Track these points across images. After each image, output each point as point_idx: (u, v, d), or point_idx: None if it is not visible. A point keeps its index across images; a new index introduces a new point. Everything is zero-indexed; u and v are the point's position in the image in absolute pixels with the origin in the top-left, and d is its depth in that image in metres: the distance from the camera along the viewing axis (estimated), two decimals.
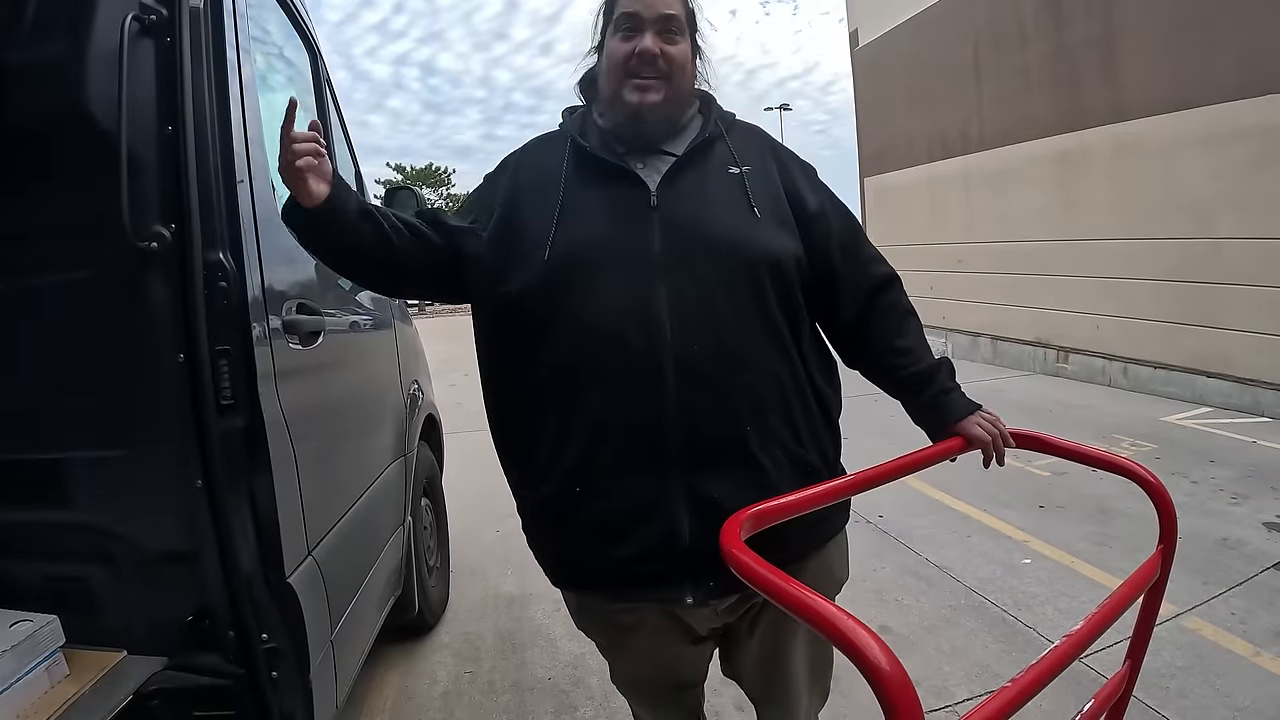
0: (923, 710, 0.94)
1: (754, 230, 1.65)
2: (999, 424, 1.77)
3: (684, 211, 1.63)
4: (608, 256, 1.58)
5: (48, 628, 1.67)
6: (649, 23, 1.63)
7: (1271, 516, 4.83)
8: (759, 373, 1.62)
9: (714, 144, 1.74)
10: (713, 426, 1.57)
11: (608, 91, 1.69)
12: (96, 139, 1.67)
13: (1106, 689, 1.73)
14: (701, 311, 1.57)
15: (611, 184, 1.65)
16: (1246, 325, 7.67)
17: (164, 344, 1.69)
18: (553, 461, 1.61)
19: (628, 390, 1.55)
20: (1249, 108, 7.38)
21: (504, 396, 1.75)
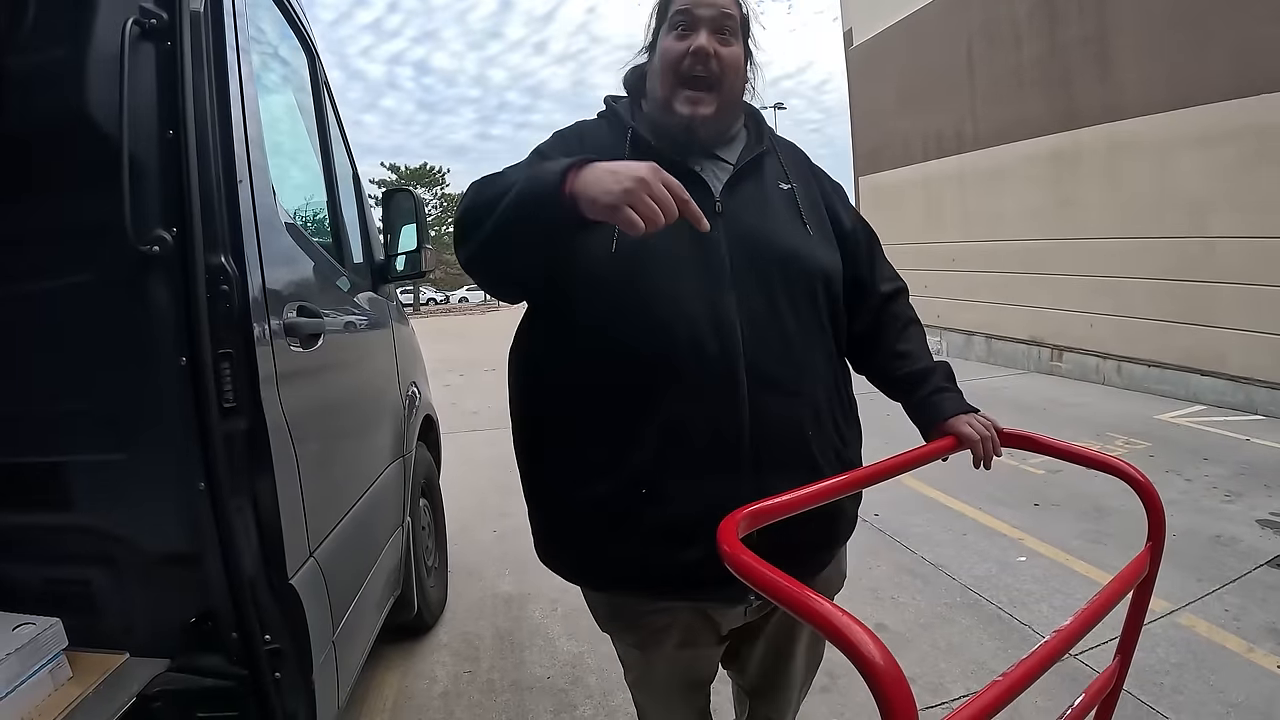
0: (917, 706, 0.95)
1: (809, 245, 1.71)
2: (991, 427, 1.80)
3: (748, 221, 1.64)
4: (678, 257, 1.56)
5: (51, 630, 1.66)
6: (705, 21, 1.62)
7: (1265, 514, 4.87)
8: (816, 380, 1.68)
9: (765, 158, 1.77)
10: (780, 431, 1.59)
11: (660, 95, 1.68)
12: (98, 143, 1.67)
13: (1097, 684, 1.74)
14: (769, 319, 1.60)
15: None
16: (1240, 323, 7.71)
17: (166, 347, 1.69)
18: (615, 461, 1.58)
19: (706, 393, 1.55)
20: (1242, 107, 7.42)
21: (550, 391, 1.68)
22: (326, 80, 2.97)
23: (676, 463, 1.54)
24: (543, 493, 1.75)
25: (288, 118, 2.65)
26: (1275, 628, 3.45)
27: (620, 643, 1.93)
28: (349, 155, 3.22)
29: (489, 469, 6.82)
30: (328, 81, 2.98)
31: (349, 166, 3.19)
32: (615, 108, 1.78)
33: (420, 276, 3.47)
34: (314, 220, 2.77)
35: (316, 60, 2.86)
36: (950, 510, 5.15)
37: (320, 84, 2.89)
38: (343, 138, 3.14)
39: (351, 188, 3.16)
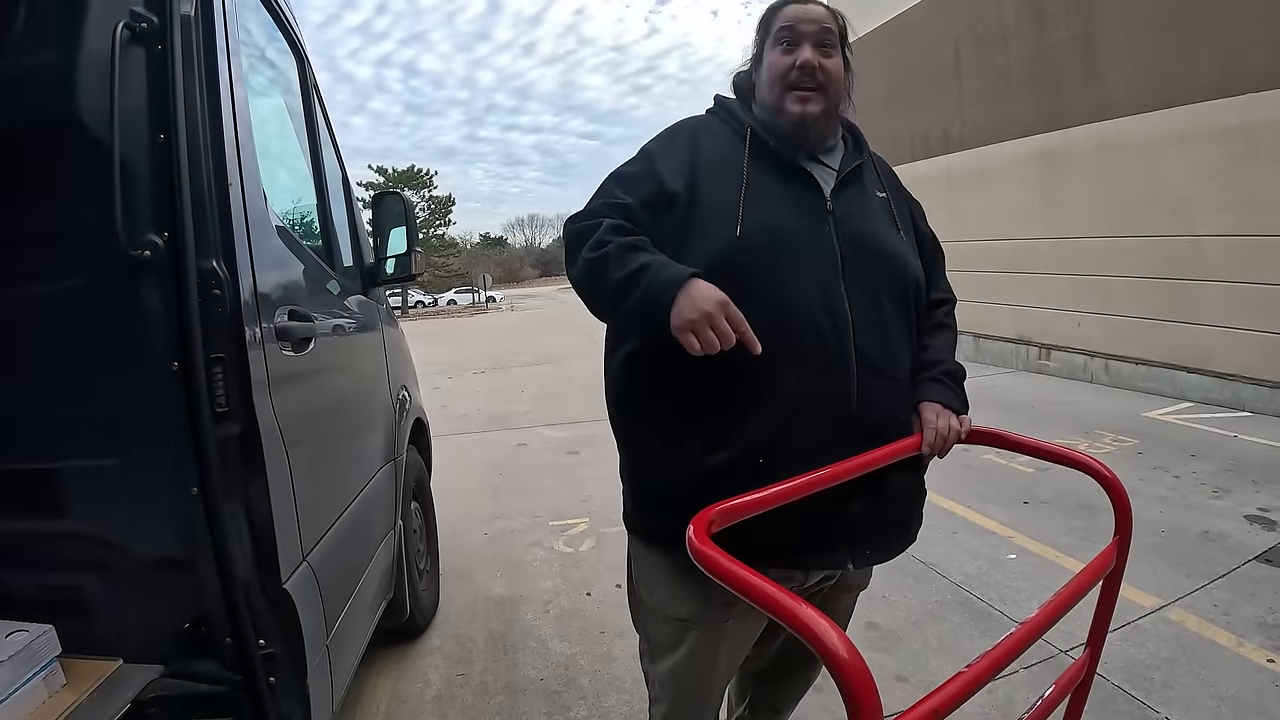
0: (879, 696, 0.97)
1: (905, 249, 1.87)
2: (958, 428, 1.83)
3: (856, 222, 1.77)
4: (797, 246, 1.68)
5: (44, 637, 1.66)
6: (807, 35, 1.75)
7: (1253, 509, 4.90)
8: (906, 368, 1.82)
9: (864, 168, 1.90)
10: (883, 412, 1.73)
11: (770, 101, 1.80)
12: (89, 147, 1.67)
13: (1067, 675, 1.77)
14: (873, 311, 1.73)
15: (789, 182, 1.76)
16: (1226, 321, 7.75)
17: (158, 352, 1.68)
18: (733, 431, 1.65)
19: (825, 372, 1.66)
20: (1228, 106, 7.47)
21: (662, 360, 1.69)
22: (315, 83, 2.96)
23: (792, 437, 1.64)
24: (651, 451, 1.80)
25: (277, 121, 2.65)
26: (1264, 621, 3.47)
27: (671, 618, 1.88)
28: (338, 158, 3.22)
29: (479, 472, 6.84)
30: (317, 84, 2.98)
31: (338, 169, 3.19)
32: (729, 106, 1.90)
33: (410, 280, 3.47)
34: (304, 223, 2.76)
35: (306, 63, 2.86)
36: (940, 509, 5.16)
37: (309, 87, 2.88)
38: (332, 140, 3.14)
39: (341, 190, 3.16)
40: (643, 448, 1.83)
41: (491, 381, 13.31)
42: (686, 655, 1.88)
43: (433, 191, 61.04)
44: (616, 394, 1.86)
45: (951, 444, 1.83)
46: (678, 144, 1.82)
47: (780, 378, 1.63)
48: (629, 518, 1.91)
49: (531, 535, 5.16)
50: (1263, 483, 5.43)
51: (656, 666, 1.97)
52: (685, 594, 1.81)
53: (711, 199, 1.70)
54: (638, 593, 1.97)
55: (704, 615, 1.81)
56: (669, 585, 1.84)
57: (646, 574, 1.91)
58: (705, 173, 1.73)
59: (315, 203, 2.83)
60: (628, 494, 1.90)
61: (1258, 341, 7.48)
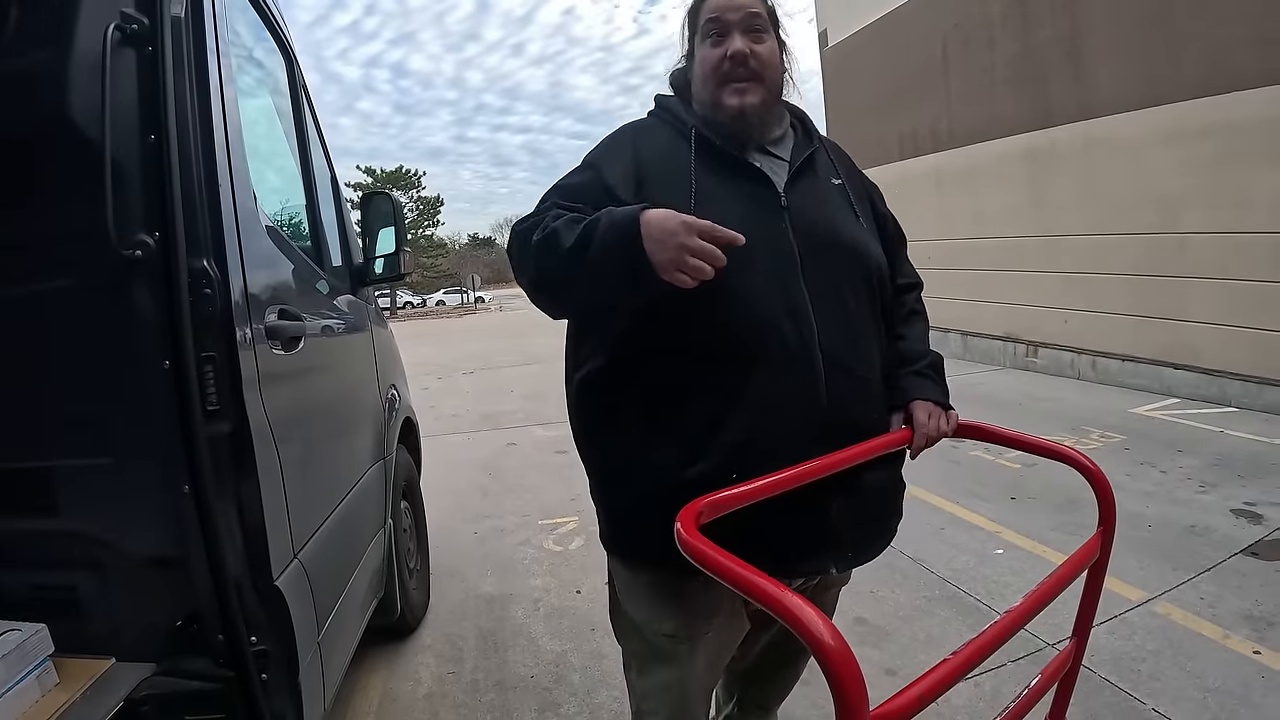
0: (864, 682, 0.99)
1: (865, 237, 1.83)
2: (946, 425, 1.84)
3: (811, 215, 1.74)
4: (754, 247, 1.57)
5: (37, 636, 1.67)
6: (735, 24, 1.71)
7: (1239, 503, 4.93)
8: (875, 365, 1.79)
9: (817, 155, 1.86)
10: (853, 412, 1.70)
11: (707, 98, 1.76)
12: (80, 148, 1.68)
13: (1052, 665, 1.79)
14: (836, 306, 1.69)
15: (739, 180, 1.72)
16: (1213, 318, 7.79)
17: (149, 351, 1.69)
18: (703, 444, 1.62)
19: (788, 375, 1.62)
20: (1214, 105, 7.50)
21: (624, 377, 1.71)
22: (304, 83, 2.97)
23: (763, 442, 1.60)
24: (620, 472, 1.77)
25: (267, 121, 2.66)
26: (1250, 614, 3.50)
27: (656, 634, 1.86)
28: (327, 158, 3.22)
29: (469, 471, 6.85)
30: (305, 84, 2.98)
31: (327, 169, 3.19)
32: (670, 107, 1.86)
33: (399, 279, 3.47)
34: (293, 223, 2.77)
35: (294, 63, 2.87)
36: (928, 504, 5.19)
37: (298, 87, 2.89)
38: (321, 141, 3.14)
39: (330, 191, 3.17)
40: (612, 467, 1.80)
41: (480, 381, 13.30)
42: (673, 669, 1.87)
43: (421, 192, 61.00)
44: (581, 415, 1.83)
45: (938, 439, 1.84)
46: (621, 151, 1.78)
47: (746, 384, 1.61)
48: (606, 539, 1.89)
49: (521, 534, 5.17)
50: (1249, 477, 5.46)
51: (643, 680, 1.96)
52: (668, 611, 1.82)
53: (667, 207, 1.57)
54: (621, 610, 1.96)
55: (687, 629, 1.81)
56: (651, 603, 1.85)
57: (629, 592, 1.91)
58: (652, 179, 1.70)
59: (304, 203, 2.84)
60: (602, 515, 1.88)
61: (1244, 338, 7.52)
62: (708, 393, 1.63)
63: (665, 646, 1.86)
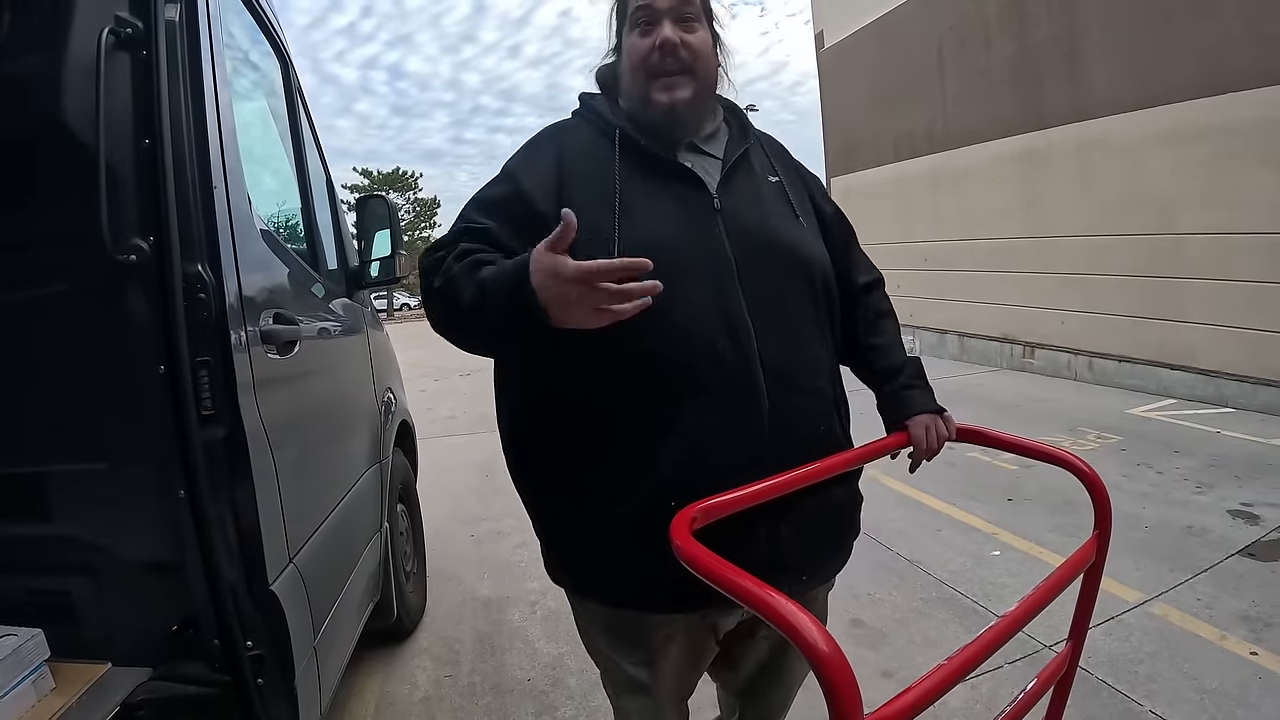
0: (859, 689, 0.98)
1: (806, 237, 1.70)
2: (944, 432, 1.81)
3: (747, 217, 1.62)
4: (683, 257, 1.51)
5: (33, 641, 1.66)
6: (665, 12, 1.59)
7: (1235, 504, 4.94)
8: (824, 375, 1.68)
9: (752, 152, 1.75)
10: (799, 430, 1.59)
11: (636, 92, 1.64)
12: (74, 152, 1.67)
13: (1049, 668, 1.78)
14: (778, 317, 1.58)
15: (668, 182, 1.60)
16: (1209, 318, 7.81)
17: (144, 356, 1.69)
18: (635, 480, 1.52)
19: (725, 400, 1.51)
20: (1210, 106, 7.52)
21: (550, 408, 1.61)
22: (299, 85, 2.97)
23: (702, 475, 1.47)
24: (556, 511, 1.70)
25: (262, 124, 2.65)
26: (1247, 615, 3.50)
27: (622, 664, 1.80)
28: (323, 161, 3.22)
29: (465, 474, 6.83)
30: (300, 87, 2.98)
31: (323, 172, 3.19)
32: (595, 106, 1.73)
33: (395, 282, 3.47)
34: (289, 227, 2.77)
35: (289, 66, 2.86)
36: (925, 507, 5.19)
37: (293, 89, 2.89)
38: (316, 143, 3.14)
39: (325, 194, 3.16)
40: (549, 508, 1.71)
41: (477, 383, 13.24)
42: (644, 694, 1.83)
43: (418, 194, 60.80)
44: (513, 455, 1.73)
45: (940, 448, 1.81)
46: (541, 156, 1.66)
47: (678, 416, 1.50)
48: (551, 573, 1.81)
49: (518, 536, 5.14)
50: (1245, 478, 5.47)
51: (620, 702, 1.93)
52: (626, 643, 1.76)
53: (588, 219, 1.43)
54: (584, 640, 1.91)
55: (650, 658, 1.75)
56: (608, 637, 1.79)
57: (586, 626, 1.85)
58: (574, 184, 1.57)
59: (300, 206, 2.84)
60: (545, 552, 1.79)
61: (1241, 338, 7.53)
62: (638, 423, 1.52)
63: (629, 677, 1.81)
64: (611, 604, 1.69)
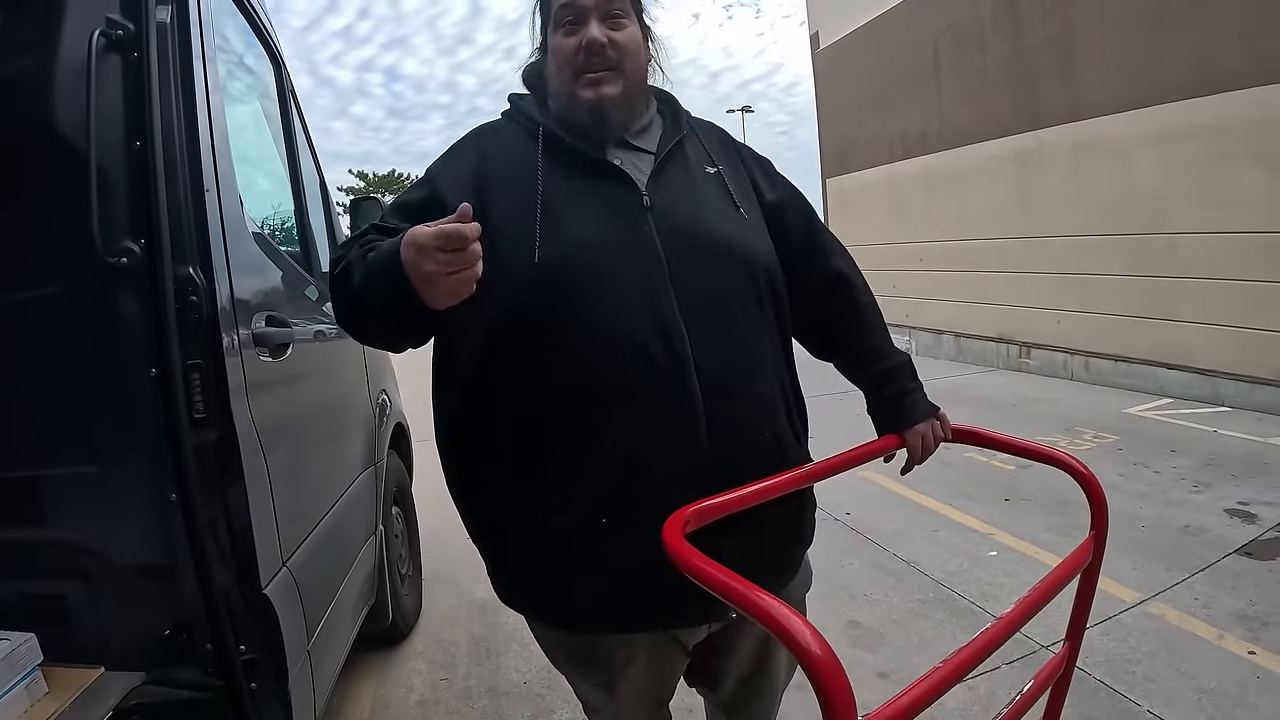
0: (853, 692, 0.97)
1: (746, 231, 1.62)
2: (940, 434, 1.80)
3: (679, 213, 1.54)
4: (609, 260, 1.45)
5: (25, 646, 1.65)
6: (590, 9, 1.52)
7: (1232, 503, 4.95)
8: (769, 377, 1.60)
9: (686, 143, 1.66)
10: (741, 438, 1.50)
11: (562, 91, 1.56)
12: (65, 155, 1.66)
13: (1046, 670, 1.77)
14: (714, 318, 1.50)
15: (595, 180, 1.53)
16: (1205, 318, 7.81)
17: (136, 359, 1.68)
18: (570, 492, 1.46)
19: (658, 407, 1.43)
20: (1202, 106, 7.53)
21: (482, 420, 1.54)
22: (293, 87, 2.96)
23: (637, 486, 1.42)
24: (491, 529, 1.65)
25: (254, 126, 2.65)
26: (1245, 614, 3.51)
27: (583, 684, 1.79)
28: (316, 163, 3.21)
29: None
30: (294, 89, 2.97)
31: (316, 174, 3.18)
32: (522, 106, 1.66)
33: None
34: (281, 229, 2.76)
35: (282, 68, 2.85)
36: (921, 507, 5.19)
37: (286, 91, 2.88)
38: (309, 145, 3.13)
39: (319, 196, 3.15)
40: (487, 523, 1.65)
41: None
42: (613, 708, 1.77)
43: None
44: (449, 469, 1.66)
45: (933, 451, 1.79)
46: (462, 159, 1.60)
47: (609, 424, 1.43)
48: (498, 592, 1.73)
49: None
50: (1242, 477, 5.48)
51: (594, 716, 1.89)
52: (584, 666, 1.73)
53: (504, 222, 1.44)
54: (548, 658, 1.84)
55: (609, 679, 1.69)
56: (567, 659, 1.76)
57: (544, 646, 1.79)
58: (495, 190, 1.51)
59: (293, 208, 2.83)
60: (489, 569, 1.73)
61: (1237, 337, 7.54)
62: (571, 432, 1.46)
63: (593, 693, 1.78)
64: (561, 626, 1.65)
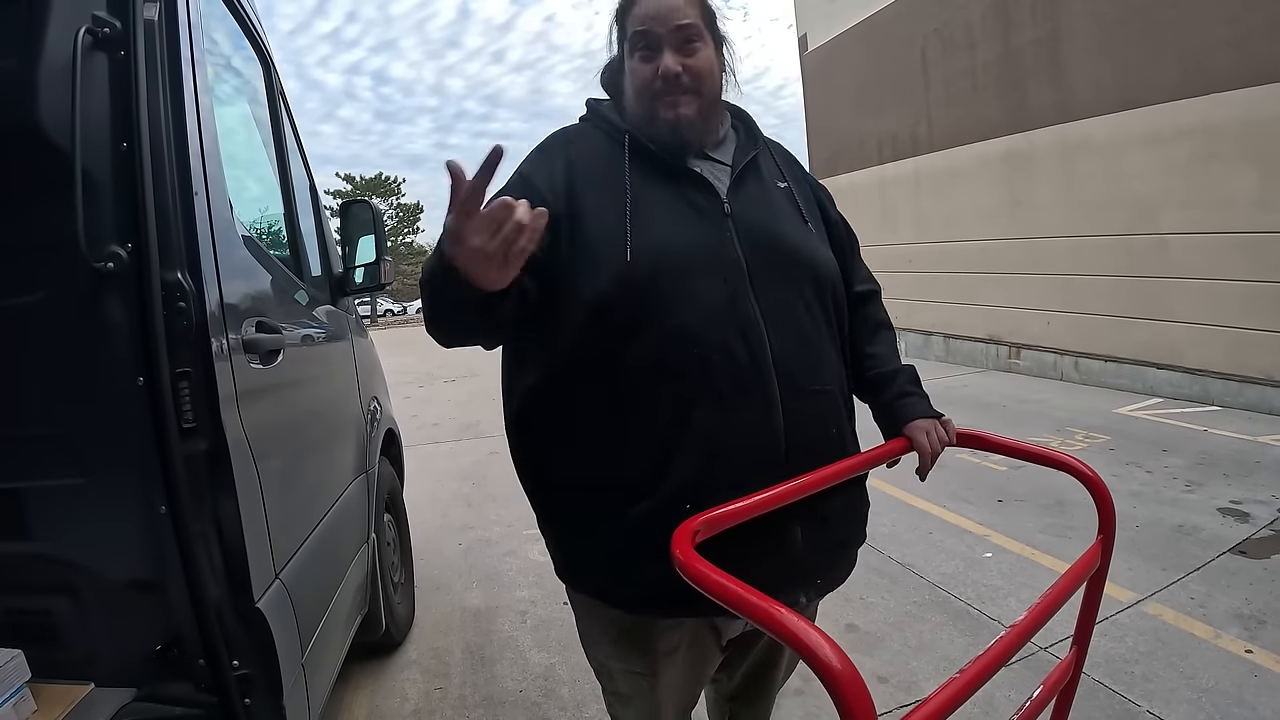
0: (874, 706, 0.96)
1: (815, 243, 1.71)
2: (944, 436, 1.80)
3: (757, 220, 1.62)
4: (696, 261, 1.53)
5: (13, 663, 1.61)
6: (665, 39, 1.57)
7: (1225, 502, 4.97)
8: (835, 377, 1.68)
9: (760, 158, 1.75)
10: (812, 432, 1.59)
11: (640, 110, 1.62)
12: (49, 156, 1.61)
13: (1054, 675, 1.77)
14: (788, 319, 1.58)
15: (679, 187, 1.60)
16: (1193, 317, 7.86)
17: (123, 367, 1.64)
18: (651, 478, 1.51)
19: (741, 401, 1.51)
20: (1190, 107, 7.57)
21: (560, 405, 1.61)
22: (282, 90, 2.92)
23: (716, 478, 1.49)
24: (567, 515, 1.69)
25: (243, 129, 2.61)
26: (1241, 613, 3.51)
27: (622, 671, 1.81)
28: (306, 166, 3.17)
29: (452, 481, 6.80)
30: (283, 91, 2.94)
31: (306, 177, 3.15)
32: (603, 111, 1.72)
33: (379, 289, 3.43)
34: (271, 233, 2.72)
35: (272, 70, 2.82)
36: (916, 510, 5.18)
37: (276, 94, 2.84)
38: (299, 148, 3.10)
39: (309, 199, 3.12)
40: (559, 506, 1.71)
41: (462, 389, 13.24)
42: (644, 701, 1.81)
43: (401, 199, 60.80)
44: (520, 451, 1.73)
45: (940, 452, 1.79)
46: (552, 161, 1.63)
47: (695, 415, 1.50)
48: (559, 572, 1.80)
49: (506, 544, 5.12)
50: (1234, 476, 5.50)
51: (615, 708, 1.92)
52: (631, 649, 1.75)
53: (595, 221, 1.53)
54: (586, 646, 1.90)
55: (653, 666, 1.74)
56: (613, 643, 1.78)
57: (589, 630, 1.85)
58: (585, 191, 1.57)
59: (282, 212, 2.79)
60: (553, 551, 1.78)
61: (1225, 337, 7.57)
62: (653, 424, 1.52)
63: (631, 683, 1.81)
64: (624, 608, 1.67)
